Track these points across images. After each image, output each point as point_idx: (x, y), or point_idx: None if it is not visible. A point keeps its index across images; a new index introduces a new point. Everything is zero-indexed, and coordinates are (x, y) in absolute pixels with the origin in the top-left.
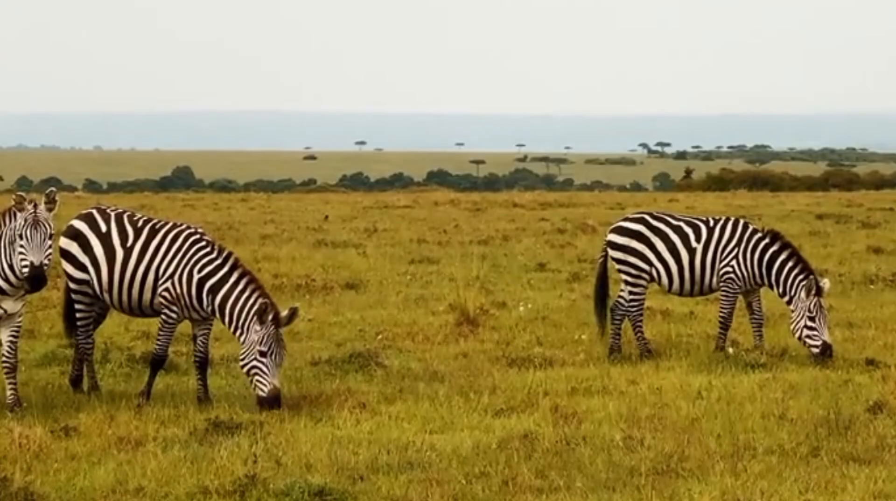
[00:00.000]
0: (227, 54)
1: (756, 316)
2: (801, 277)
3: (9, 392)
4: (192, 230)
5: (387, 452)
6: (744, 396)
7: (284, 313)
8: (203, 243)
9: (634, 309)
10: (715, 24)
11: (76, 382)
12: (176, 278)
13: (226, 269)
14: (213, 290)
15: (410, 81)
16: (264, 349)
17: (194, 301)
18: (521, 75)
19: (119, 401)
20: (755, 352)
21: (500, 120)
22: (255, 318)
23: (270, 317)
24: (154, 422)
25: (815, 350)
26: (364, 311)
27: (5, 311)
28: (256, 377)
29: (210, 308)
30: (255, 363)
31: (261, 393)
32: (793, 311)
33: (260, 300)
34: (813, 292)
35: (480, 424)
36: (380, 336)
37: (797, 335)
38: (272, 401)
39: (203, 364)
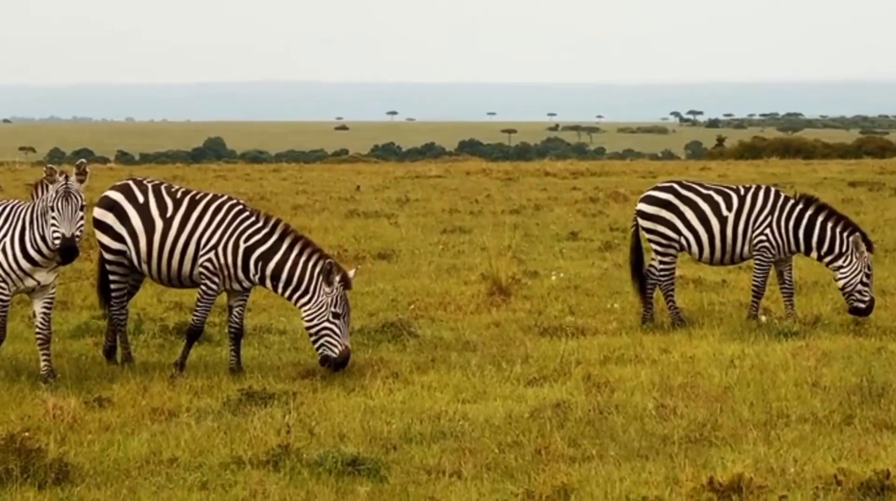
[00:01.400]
0: (258, 25)
1: (787, 285)
2: (846, 232)
3: (43, 364)
4: (235, 201)
5: (419, 422)
6: (777, 364)
7: (351, 273)
8: (247, 214)
9: (665, 278)
10: None
11: (109, 353)
12: (220, 248)
13: (276, 236)
14: (265, 258)
15: (442, 51)
16: (338, 310)
17: (239, 271)
18: (553, 44)
19: (152, 372)
20: (788, 320)
21: (532, 89)
22: (321, 279)
23: (338, 278)
24: (187, 393)
25: (861, 305)
26: (396, 281)
27: (39, 282)
28: (326, 339)
29: (258, 277)
30: (326, 324)
31: (331, 354)
32: (842, 267)
33: (322, 261)
34: (864, 246)
35: (513, 393)
36: (412, 306)
37: (849, 289)
38: (342, 362)
39: (238, 335)
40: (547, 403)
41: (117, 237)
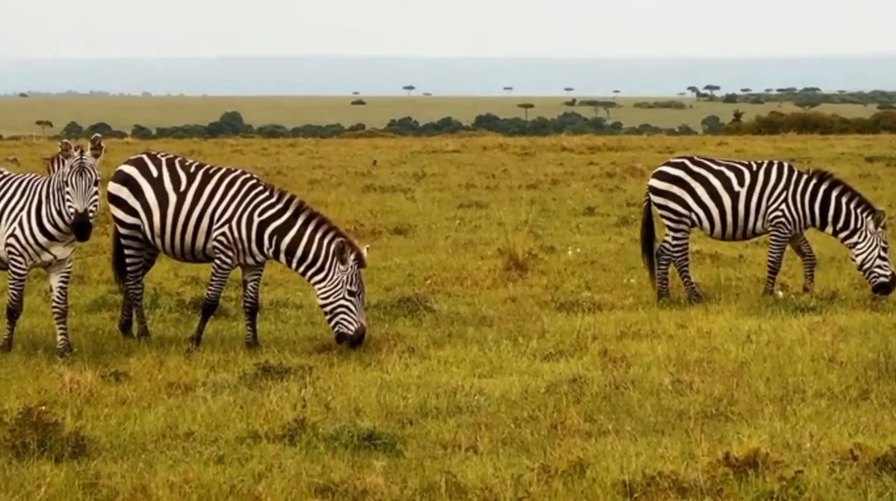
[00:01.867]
0: None
1: (808, 258)
2: (860, 208)
3: (59, 338)
4: (249, 175)
5: (436, 396)
6: (793, 339)
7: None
8: (261, 188)
9: (679, 254)
10: None
11: (126, 327)
12: (234, 222)
13: (290, 212)
14: (279, 232)
15: (459, 26)
16: (354, 288)
17: (253, 245)
18: (570, 18)
19: (169, 346)
20: (805, 295)
21: (549, 64)
22: (336, 258)
23: (353, 256)
24: (203, 367)
25: (885, 280)
26: (413, 256)
27: (55, 257)
28: (342, 316)
29: (272, 250)
30: (342, 302)
31: (346, 331)
32: (859, 243)
33: (337, 239)
34: (882, 223)
35: (529, 368)
36: (428, 281)
37: (868, 265)
38: (358, 339)
39: (253, 310)
40: (563, 378)
41: (131, 212)
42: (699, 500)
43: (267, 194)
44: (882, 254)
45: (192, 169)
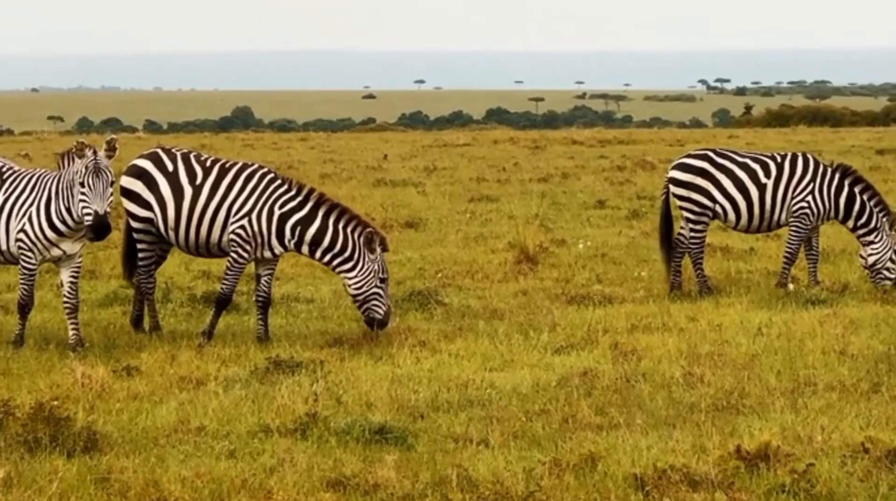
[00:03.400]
0: None
1: (813, 252)
2: (878, 207)
3: (71, 332)
4: (266, 169)
5: (447, 390)
6: (804, 332)
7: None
8: (279, 181)
9: (695, 246)
10: None
11: (137, 322)
12: (254, 215)
13: (311, 204)
14: (302, 224)
15: (469, 19)
16: (384, 275)
17: (273, 238)
18: (580, 12)
19: (180, 341)
20: (815, 288)
21: (559, 57)
22: (365, 247)
23: (378, 243)
24: (215, 362)
25: (888, 283)
26: (423, 249)
27: (65, 252)
28: (373, 302)
29: (293, 242)
30: (375, 289)
31: (376, 316)
32: (874, 243)
33: (361, 229)
34: (894, 225)
35: (540, 361)
36: (439, 274)
37: (878, 266)
38: (385, 322)
39: (265, 304)
40: (574, 371)
41: (145, 205)
42: (710, 493)
43: (286, 187)
44: (893, 257)
45: (208, 163)
